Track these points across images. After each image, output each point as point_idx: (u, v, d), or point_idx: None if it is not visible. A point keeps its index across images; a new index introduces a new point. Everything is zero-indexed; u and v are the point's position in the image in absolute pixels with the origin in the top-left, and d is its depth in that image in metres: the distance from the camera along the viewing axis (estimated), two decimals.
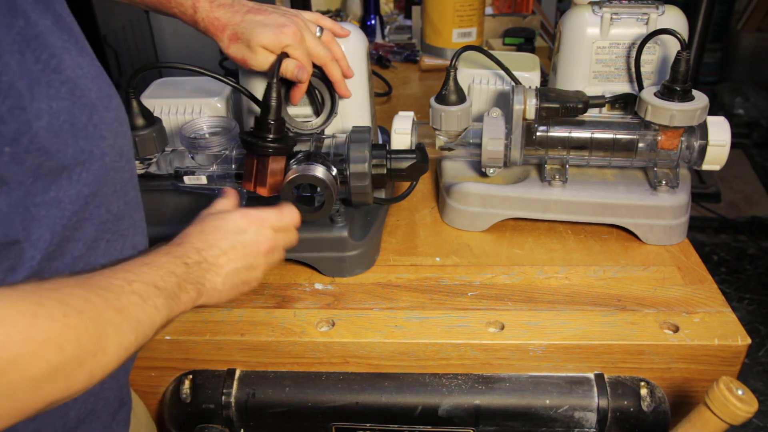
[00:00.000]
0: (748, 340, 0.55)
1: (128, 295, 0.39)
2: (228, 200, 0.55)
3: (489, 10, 1.42)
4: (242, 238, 0.50)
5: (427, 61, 1.26)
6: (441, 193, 0.74)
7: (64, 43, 0.40)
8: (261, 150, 0.58)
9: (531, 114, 0.65)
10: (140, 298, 0.39)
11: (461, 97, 0.71)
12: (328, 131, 0.69)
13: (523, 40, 1.25)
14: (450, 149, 0.73)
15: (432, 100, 0.71)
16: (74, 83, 0.39)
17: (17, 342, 0.31)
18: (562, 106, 0.66)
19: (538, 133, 0.68)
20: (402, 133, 0.70)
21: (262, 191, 0.59)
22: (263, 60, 0.61)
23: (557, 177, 0.68)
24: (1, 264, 0.37)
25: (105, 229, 0.43)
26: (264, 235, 0.52)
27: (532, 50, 1.20)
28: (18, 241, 0.38)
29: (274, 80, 0.58)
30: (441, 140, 0.73)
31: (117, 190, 0.44)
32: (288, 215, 0.55)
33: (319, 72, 0.64)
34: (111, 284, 0.39)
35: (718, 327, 0.56)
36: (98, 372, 0.36)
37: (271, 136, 0.58)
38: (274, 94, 0.58)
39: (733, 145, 0.65)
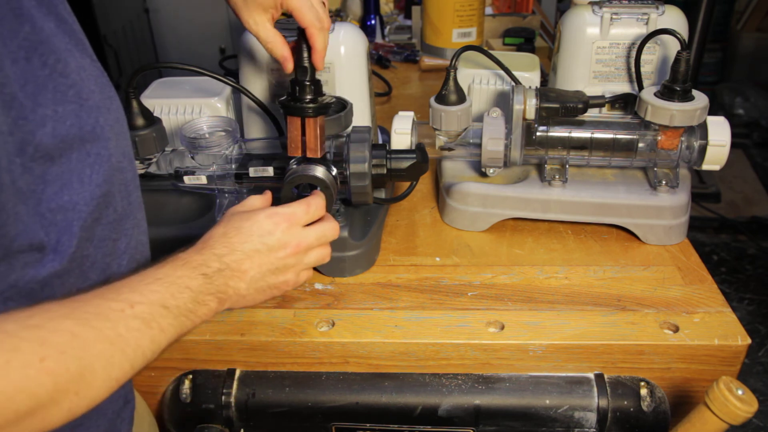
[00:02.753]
0: (748, 340, 0.55)
1: (128, 320, 0.38)
2: (259, 198, 0.53)
3: (489, 10, 1.42)
4: (267, 240, 0.48)
5: (427, 61, 1.26)
6: (441, 193, 0.74)
7: (67, 45, 0.40)
8: (307, 112, 0.57)
9: (531, 114, 0.65)
10: (143, 322, 0.38)
11: (461, 97, 0.71)
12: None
13: (523, 40, 1.25)
14: (450, 149, 0.73)
15: (432, 100, 0.71)
16: (80, 86, 0.39)
17: None
18: (562, 106, 0.66)
19: (538, 133, 0.68)
20: (402, 133, 0.70)
21: (313, 153, 0.58)
22: (258, 20, 0.57)
23: (557, 177, 0.68)
24: (27, 268, 0.37)
25: (112, 229, 0.43)
26: (292, 235, 0.50)
27: (532, 50, 1.20)
28: (43, 246, 0.37)
29: (305, 42, 0.57)
30: (441, 140, 0.73)
31: (122, 190, 0.44)
32: (314, 206, 0.53)
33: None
34: (109, 309, 0.38)
35: (718, 327, 0.56)
36: (79, 408, 0.35)
37: (310, 97, 0.57)
38: (305, 55, 0.57)
39: (733, 145, 0.65)
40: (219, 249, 0.47)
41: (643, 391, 0.55)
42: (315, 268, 0.65)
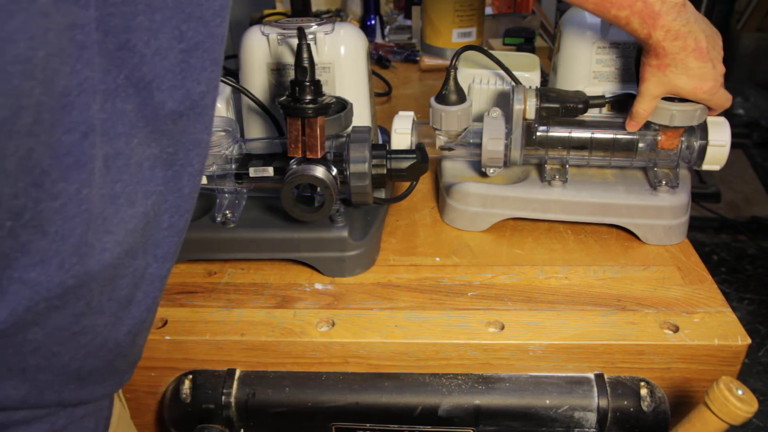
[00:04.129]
0: (748, 340, 0.55)
1: None
2: None
3: (489, 10, 1.42)
4: None
5: (427, 61, 1.26)
6: (441, 193, 0.74)
7: None
8: (307, 113, 0.57)
9: (531, 114, 0.65)
10: None
11: (461, 97, 0.71)
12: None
13: (523, 40, 1.25)
14: (450, 149, 0.73)
15: (432, 100, 0.71)
16: None
17: None
18: (562, 106, 0.66)
19: (538, 133, 0.68)
20: (402, 133, 0.70)
21: (313, 153, 0.59)
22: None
23: (557, 177, 0.68)
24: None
25: (74, 321, 0.43)
26: None
27: (532, 50, 1.20)
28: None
29: (305, 41, 0.57)
30: (441, 140, 0.73)
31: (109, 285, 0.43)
32: None
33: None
34: None
35: (718, 327, 0.56)
36: None
37: (310, 97, 0.58)
38: (305, 55, 0.57)
39: (733, 145, 0.65)
40: None
41: (643, 391, 0.55)
42: (315, 268, 0.65)
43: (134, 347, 0.45)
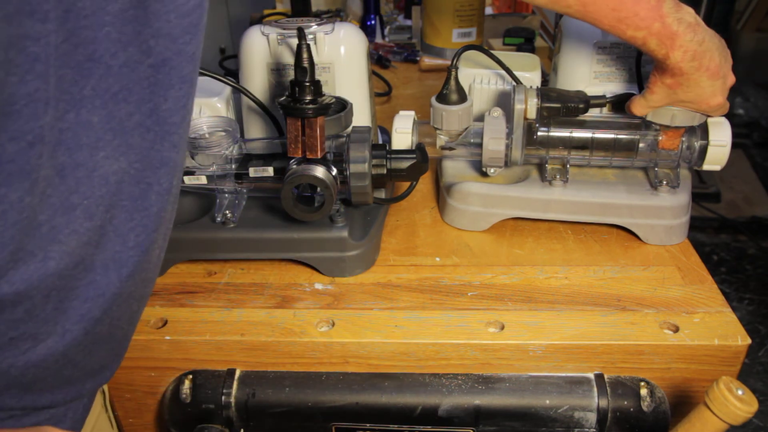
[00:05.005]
0: (748, 340, 0.55)
1: None
2: None
3: (489, 10, 1.42)
4: None
5: (427, 61, 1.26)
6: (441, 192, 0.74)
7: None
8: (307, 113, 0.57)
9: (532, 113, 0.65)
10: None
11: (462, 97, 0.71)
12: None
13: (523, 40, 1.25)
14: (451, 149, 0.73)
15: (433, 100, 0.71)
16: None
17: None
18: (563, 106, 0.66)
19: (539, 133, 0.68)
20: (403, 133, 0.70)
21: (313, 153, 0.58)
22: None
23: (558, 177, 0.68)
24: None
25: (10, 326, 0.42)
26: None
27: (532, 50, 1.20)
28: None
29: (305, 42, 0.57)
30: (442, 140, 0.73)
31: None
32: None
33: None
34: None
35: (718, 327, 0.56)
36: None
37: (309, 97, 0.58)
38: (305, 55, 0.57)
39: (733, 145, 0.65)
40: None
41: (643, 391, 0.55)
42: (315, 268, 0.65)
43: (90, 358, 0.44)
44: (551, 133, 0.68)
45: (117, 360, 0.49)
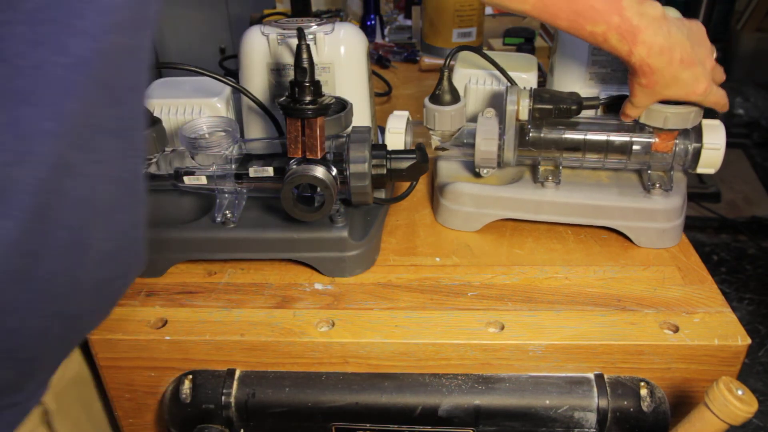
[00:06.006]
0: (748, 340, 0.55)
1: None
2: None
3: (489, 10, 1.42)
4: None
5: (427, 61, 1.26)
6: (435, 192, 0.74)
7: None
8: (307, 113, 0.57)
9: (524, 114, 0.65)
10: None
11: (455, 97, 0.71)
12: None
13: (523, 40, 1.25)
14: (444, 149, 0.73)
15: (426, 100, 0.71)
16: None
17: None
18: (555, 107, 0.65)
19: (531, 134, 0.68)
20: (396, 133, 0.70)
21: (313, 154, 0.59)
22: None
23: (550, 178, 0.68)
24: None
25: None
26: None
27: (532, 50, 1.20)
28: None
29: (304, 42, 0.57)
30: (435, 140, 0.73)
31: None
32: None
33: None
34: None
35: (718, 327, 0.56)
36: None
37: (309, 98, 0.58)
38: (305, 56, 0.57)
39: (733, 145, 0.66)
40: None
41: (643, 392, 0.55)
42: (315, 268, 0.65)
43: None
44: (543, 135, 0.68)
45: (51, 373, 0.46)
